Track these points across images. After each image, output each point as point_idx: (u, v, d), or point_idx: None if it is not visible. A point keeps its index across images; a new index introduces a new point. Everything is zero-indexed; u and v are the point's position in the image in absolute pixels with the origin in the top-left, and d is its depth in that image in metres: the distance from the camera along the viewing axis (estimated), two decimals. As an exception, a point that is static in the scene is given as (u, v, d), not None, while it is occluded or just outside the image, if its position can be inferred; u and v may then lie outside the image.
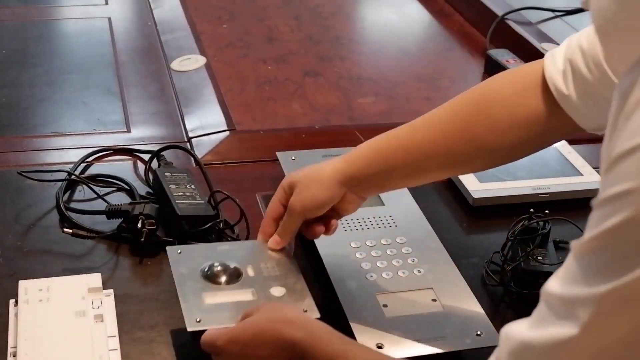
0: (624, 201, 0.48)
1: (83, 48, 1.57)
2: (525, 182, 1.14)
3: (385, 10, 1.83)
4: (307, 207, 0.87)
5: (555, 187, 1.13)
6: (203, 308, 0.81)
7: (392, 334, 0.84)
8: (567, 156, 1.20)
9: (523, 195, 1.11)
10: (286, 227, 0.89)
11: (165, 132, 1.28)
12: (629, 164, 0.48)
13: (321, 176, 0.87)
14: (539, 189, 1.13)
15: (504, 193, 1.11)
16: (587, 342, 0.50)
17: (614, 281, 0.48)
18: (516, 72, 0.84)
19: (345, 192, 0.87)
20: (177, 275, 0.85)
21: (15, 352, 0.80)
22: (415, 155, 0.85)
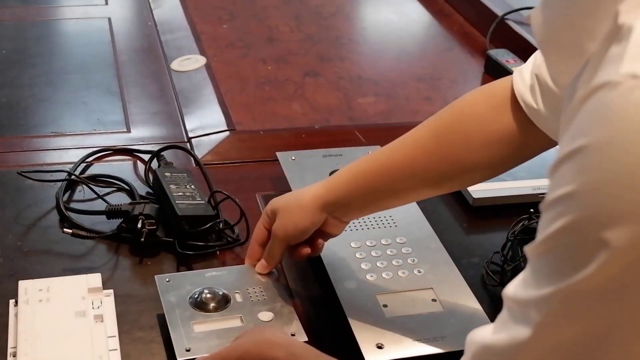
0: (565, 204, 0.48)
1: (83, 48, 1.57)
2: (525, 182, 1.13)
3: (385, 10, 1.83)
4: (289, 233, 0.88)
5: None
6: (192, 337, 0.82)
7: (392, 334, 0.84)
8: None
9: (523, 195, 1.11)
10: (271, 252, 0.91)
11: (165, 132, 1.28)
12: (568, 167, 0.49)
13: (301, 203, 0.88)
14: (538, 189, 1.12)
15: (504, 193, 1.11)
16: (539, 344, 0.52)
17: (560, 283, 0.49)
18: (488, 88, 0.84)
19: (326, 217, 0.88)
20: (166, 304, 0.86)
21: (15, 352, 0.80)
22: (394, 176, 0.85)
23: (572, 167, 0.48)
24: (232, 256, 0.99)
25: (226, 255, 0.99)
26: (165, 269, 0.96)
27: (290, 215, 0.89)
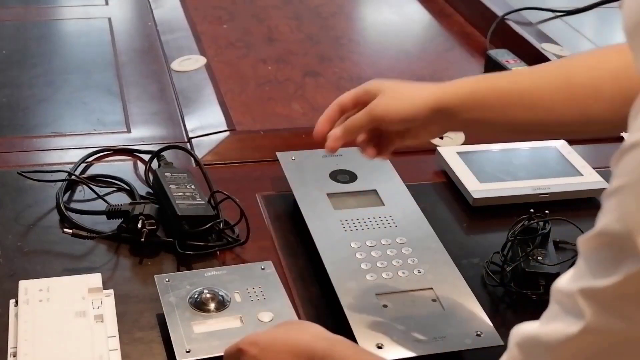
0: (618, 197, 0.48)
1: (83, 48, 1.57)
2: (525, 183, 1.13)
3: (385, 10, 1.83)
4: (389, 114, 0.84)
5: (556, 188, 1.13)
6: (192, 338, 0.82)
7: (392, 334, 0.84)
8: (567, 156, 1.20)
9: (523, 195, 1.11)
10: (353, 124, 0.85)
11: (165, 132, 1.28)
12: (628, 159, 0.48)
13: (414, 93, 0.84)
14: (539, 189, 1.12)
15: (504, 193, 1.11)
16: (589, 336, 0.51)
17: (614, 276, 0.48)
18: (620, 46, 0.80)
19: (431, 119, 0.84)
20: (165, 304, 0.86)
21: (15, 352, 0.80)
22: (513, 101, 0.82)
23: (630, 160, 0.48)
24: (232, 256, 0.99)
25: (226, 255, 0.99)
26: (165, 269, 0.96)
27: (397, 98, 0.84)
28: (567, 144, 1.22)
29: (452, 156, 1.18)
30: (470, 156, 1.18)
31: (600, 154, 1.27)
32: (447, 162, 1.17)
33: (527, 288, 0.94)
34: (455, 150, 1.20)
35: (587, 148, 1.26)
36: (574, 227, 1.00)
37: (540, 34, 1.63)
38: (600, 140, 1.29)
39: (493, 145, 1.21)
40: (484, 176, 1.13)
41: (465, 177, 1.13)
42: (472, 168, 1.15)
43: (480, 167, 1.15)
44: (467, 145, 1.22)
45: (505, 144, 1.21)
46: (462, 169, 1.15)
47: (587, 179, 1.15)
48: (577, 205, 1.11)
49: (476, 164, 1.16)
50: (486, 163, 1.17)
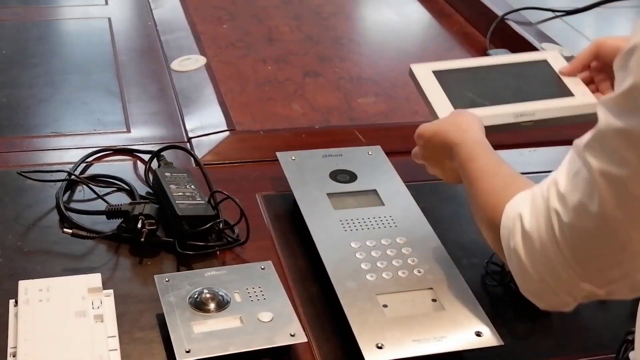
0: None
1: (83, 48, 1.57)
2: (507, 108, 1.01)
3: (386, 10, 1.83)
4: (607, 44, 0.97)
5: (541, 113, 1.01)
6: (192, 338, 0.82)
7: (392, 334, 0.84)
8: (561, 76, 1.06)
9: (503, 125, 1.00)
10: (580, 55, 1.01)
11: (165, 132, 1.28)
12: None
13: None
14: (521, 115, 1.00)
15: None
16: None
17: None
18: None
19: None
20: (165, 305, 0.86)
21: (15, 352, 0.80)
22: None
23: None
24: (232, 256, 0.99)
25: (226, 255, 0.99)
26: (165, 269, 0.96)
27: (616, 37, 0.98)
28: (560, 55, 1.09)
29: (426, 75, 1.04)
30: (447, 76, 1.04)
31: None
32: (420, 82, 1.03)
33: (527, 288, 0.94)
34: (430, 68, 1.06)
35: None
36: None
37: (540, 34, 1.63)
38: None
39: (476, 61, 1.10)
40: (459, 100, 1.01)
41: (438, 101, 1.01)
42: (447, 90, 1.02)
43: (457, 90, 1.02)
44: (445, 62, 1.07)
45: (490, 59, 1.11)
46: (436, 92, 1.02)
47: (578, 100, 1.02)
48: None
49: (453, 85, 1.03)
50: (465, 84, 1.04)
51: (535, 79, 1.06)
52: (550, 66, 1.07)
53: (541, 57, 1.08)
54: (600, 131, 0.64)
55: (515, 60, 1.09)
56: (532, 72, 1.06)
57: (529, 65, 1.07)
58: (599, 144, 0.64)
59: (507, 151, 1.25)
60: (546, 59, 1.07)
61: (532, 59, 1.09)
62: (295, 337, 0.83)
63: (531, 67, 1.07)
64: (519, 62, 1.08)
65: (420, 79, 1.04)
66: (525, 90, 1.04)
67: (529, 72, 1.06)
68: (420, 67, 1.05)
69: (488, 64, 1.07)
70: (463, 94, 1.02)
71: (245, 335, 0.82)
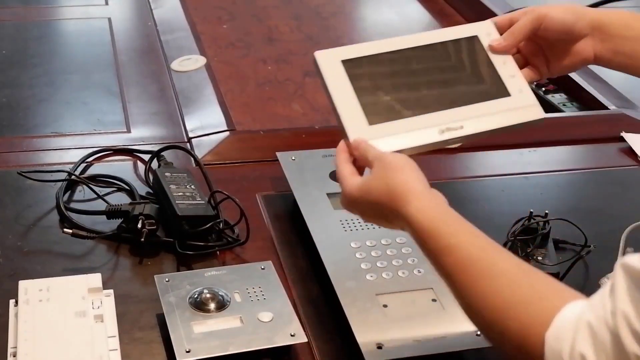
0: None
1: (83, 48, 1.57)
2: (431, 118, 0.82)
3: (386, 10, 1.83)
4: (550, 13, 0.86)
5: (471, 125, 0.82)
6: (192, 338, 0.82)
7: (392, 334, 0.84)
8: (491, 56, 0.87)
9: (427, 144, 0.81)
10: (517, 25, 0.86)
11: (165, 132, 1.28)
12: None
13: (575, 6, 0.87)
14: (447, 130, 0.82)
15: (400, 145, 0.80)
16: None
17: None
18: None
19: (586, 33, 0.86)
20: (165, 305, 0.86)
21: (15, 352, 0.80)
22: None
23: None
24: (232, 256, 0.99)
25: (226, 255, 0.99)
26: (165, 269, 0.96)
27: (558, 5, 0.87)
28: (493, 26, 0.89)
29: (334, 69, 0.84)
30: (359, 68, 0.84)
31: (601, 155, 1.27)
32: (327, 81, 0.83)
33: (527, 288, 0.94)
34: (339, 56, 0.85)
35: (587, 148, 1.26)
36: (574, 227, 1.00)
37: (540, 34, 1.63)
38: (600, 141, 1.30)
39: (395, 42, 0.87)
40: (374, 110, 0.82)
41: (349, 113, 0.81)
42: (360, 93, 0.82)
43: (371, 92, 0.83)
44: (358, 46, 0.88)
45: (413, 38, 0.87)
46: (346, 97, 0.82)
47: (515, 101, 0.85)
48: (576, 204, 1.11)
49: (367, 83, 0.84)
50: (381, 81, 0.84)
51: (464, 66, 0.88)
52: (481, 44, 0.88)
53: (471, 31, 0.89)
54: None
55: (442, 39, 0.88)
56: (461, 56, 0.88)
57: (457, 45, 0.88)
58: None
59: (507, 151, 1.25)
60: (477, 35, 0.88)
61: (461, 34, 0.89)
62: (295, 337, 0.83)
63: (460, 48, 0.88)
64: (445, 42, 0.88)
65: (327, 76, 0.84)
66: (452, 87, 0.86)
67: (456, 57, 0.88)
68: (326, 56, 0.86)
69: (410, 46, 0.87)
70: (378, 98, 0.83)
71: (245, 335, 0.82)
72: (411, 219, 0.70)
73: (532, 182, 1.19)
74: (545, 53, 0.91)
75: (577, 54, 0.89)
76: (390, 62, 0.86)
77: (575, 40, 0.88)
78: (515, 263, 0.66)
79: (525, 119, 0.85)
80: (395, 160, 0.74)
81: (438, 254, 0.68)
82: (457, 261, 0.67)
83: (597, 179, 1.21)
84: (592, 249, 0.98)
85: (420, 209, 0.70)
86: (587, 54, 0.89)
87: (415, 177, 0.73)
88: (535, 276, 0.65)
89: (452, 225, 0.69)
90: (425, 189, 0.72)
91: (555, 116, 1.33)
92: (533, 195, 1.16)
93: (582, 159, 1.27)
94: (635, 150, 1.25)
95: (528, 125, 0.85)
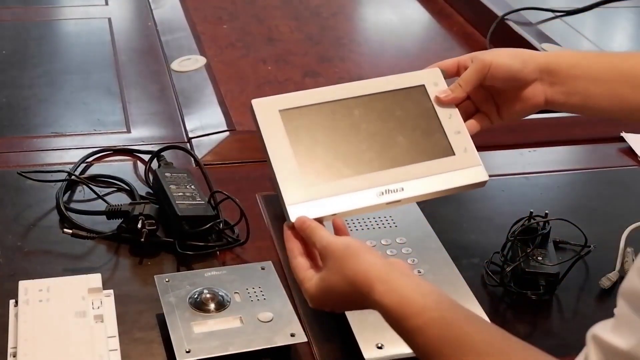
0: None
1: (83, 48, 1.57)
2: (370, 179, 0.81)
3: (386, 10, 1.83)
4: (496, 61, 0.84)
5: (411, 189, 0.82)
6: (192, 338, 0.82)
7: (392, 334, 0.83)
8: (438, 110, 0.85)
9: (364, 208, 0.81)
10: (465, 77, 0.85)
11: (165, 133, 1.28)
12: None
13: (521, 51, 0.85)
14: (387, 192, 0.81)
15: (335, 209, 0.80)
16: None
17: None
18: None
19: (536, 77, 0.85)
20: (165, 305, 0.86)
21: (15, 352, 0.80)
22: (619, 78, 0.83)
23: None
24: (232, 256, 0.99)
25: (226, 255, 0.99)
26: (165, 269, 0.96)
27: (504, 51, 0.85)
28: (440, 74, 0.88)
29: (271, 120, 0.80)
30: (298, 120, 0.81)
31: (601, 155, 1.27)
32: (263, 133, 0.80)
33: (527, 288, 0.94)
34: (277, 106, 0.81)
35: (587, 148, 1.26)
36: (573, 227, 1.00)
37: (540, 34, 1.63)
38: (600, 141, 1.30)
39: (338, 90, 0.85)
40: (312, 169, 0.80)
41: (285, 171, 0.79)
42: (297, 149, 0.80)
43: (309, 148, 0.81)
44: (298, 94, 0.84)
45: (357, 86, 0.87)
46: (283, 153, 0.79)
47: (459, 161, 0.84)
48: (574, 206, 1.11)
49: (305, 138, 0.81)
50: (320, 135, 0.82)
51: (408, 119, 0.85)
52: (427, 94, 0.86)
53: (418, 80, 0.87)
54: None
55: (387, 88, 0.86)
56: (405, 107, 0.85)
57: (403, 94, 0.86)
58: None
59: (507, 151, 1.25)
60: (424, 84, 0.87)
61: (407, 83, 0.87)
62: (295, 337, 0.83)
63: (405, 98, 0.86)
64: (390, 91, 0.86)
65: (263, 127, 0.80)
66: (395, 142, 0.83)
67: (401, 108, 0.85)
68: (263, 105, 0.81)
69: (352, 95, 0.85)
70: (316, 155, 0.80)
71: (245, 336, 0.82)
72: (378, 304, 0.70)
73: (532, 182, 1.19)
74: (495, 100, 0.90)
75: (527, 100, 0.88)
76: (332, 112, 0.83)
77: (523, 86, 0.87)
78: (486, 336, 0.65)
79: (468, 181, 0.84)
80: (345, 248, 0.73)
81: (410, 336, 0.68)
82: (428, 342, 0.66)
83: (597, 179, 1.21)
84: (592, 249, 0.97)
85: (384, 293, 0.69)
86: (538, 99, 0.88)
87: (370, 258, 0.72)
88: (508, 347, 0.64)
89: (417, 303, 0.68)
90: (384, 267, 0.71)
91: (555, 116, 1.33)
92: (533, 195, 1.16)
93: (582, 159, 1.27)
94: (635, 150, 1.25)
95: (471, 187, 0.84)
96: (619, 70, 0.85)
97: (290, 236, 0.79)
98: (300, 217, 0.78)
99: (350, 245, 0.73)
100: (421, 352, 0.67)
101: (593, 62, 0.86)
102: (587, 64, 0.86)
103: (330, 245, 0.74)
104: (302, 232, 0.78)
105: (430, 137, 0.85)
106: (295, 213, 0.78)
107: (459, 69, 0.89)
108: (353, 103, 0.84)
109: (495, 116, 0.90)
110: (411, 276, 0.71)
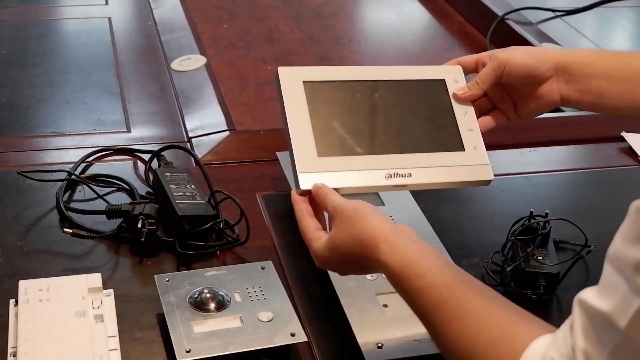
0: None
1: (83, 48, 1.57)
2: (380, 161, 0.83)
3: (386, 10, 1.83)
4: (512, 59, 0.86)
5: (419, 176, 0.84)
6: (192, 337, 0.82)
7: (392, 334, 0.84)
8: (454, 106, 0.88)
9: (371, 187, 0.85)
10: (482, 77, 0.87)
11: (165, 132, 1.28)
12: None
13: (537, 49, 0.88)
14: (394, 177, 0.83)
15: (345, 183, 0.82)
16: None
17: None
18: None
19: (551, 75, 0.86)
20: (165, 304, 0.86)
21: (15, 352, 0.80)
22: (633, 78, 0.84)
23: None
24: (232, 256, 0.99)
25: (226, 255, 0.99)
26: (165, 269, 0.96)
27: (520, 49, 0.87)
28: (462, 72, 0.91)
29: (294, 89, 0.84)
30: (319, 93, 0.84)
31: (601, 154, 1.27)
32: (285, 99, 0.83)
33: (527, 288, 0.94)
34: (302, 76, 0.84)
35: (587, 148, 1.26)
36: (573, 227, 1.00)
37: (540, 34, 1.63)
38: (600, 141, 1.30)
39: (363, 71, 0.88)
40: (326, 139, 0.82)
41: (301, 139, 0.82)
42: (315, 120, 0.82)
43: (326, 120, 0.83)
44: (323, 69, 0.88)
45: (381, 71, 0.89)
46: (301, 121, 0.82)
47: (467, 157, 0.87)
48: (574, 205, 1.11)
49: (324, 110, 0.83)
50: (338, 110, 0.84)
51: (425, 109, 0.87)
52: (447, 89, 0.88)
53: (440, 74, 0.89)
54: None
55: (410, 77, 0.88)
56: (424, 98, 0.88)
57: (424, 85, 0.88)
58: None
59: (507, 151, 1.25)
60: (444, 79, 0.89)
61: (429, 75, 0.89)
62: (295, 337, 0.83)
63: (425, 89, 0.88)
64: (413, 80, 0.88)
65: (285, 94, 0.83)
66: (409, 130, 0.85)
67: (420, 98, 0.87)
68: (289, 74, 0.84)
69: (376, 78, 0.87)
70: (333, 128, 0.82)
71: (245, 335, 0.82)
72: (382, 264, 0.71)
73: (532, 182, 1.19)
74: (512, 97, 0.91)
75: (543, 97, 0.89)
76: (353, 91, 0.85)
77: (539, 83, 0.89)
78: (484, 300, 0.66)
79: (473, 177, 0.86)
80: (355, 209, 0.75)
81: (411, 296, 0.69)
82: (429, 303, 0.67)
83: (597, 179, 1.21)
84: (592, 249, 0.97)
85: (389, 253, 0.71)
86: (554, 97, 0.89)
87: (378, 220, 0.73)
88: (504, 313, 0.65)
89: (420, 266, 0.69)
90: (391, 229, 0.73)
91: (555, 116, 1.33)
92: (533, 195, 1.16)
93: (582, 159, 1.27)
94: (635, 150, 1.25)
95: (475, 184, 0.87)
96: (634, 70, 0.86)
97: (300, 199, 0.81)
98: (317, 183, 0.80)
99: (359, 207, 0.75)
100: (421, 312, 0.68)
101: (608, 61, 0.87)
102: (603, 62, 0.87)
103: (341, 206, 0.76)
104: (316, 197, 0.80)
105: (443, 130, 0.87)
106: (305, 180, 0.81)
107: (478, 66, 0.91)
108: (375, 86, 0.86)
109: (513, 113, 0.92)
110: (417, 241, 0.73)
